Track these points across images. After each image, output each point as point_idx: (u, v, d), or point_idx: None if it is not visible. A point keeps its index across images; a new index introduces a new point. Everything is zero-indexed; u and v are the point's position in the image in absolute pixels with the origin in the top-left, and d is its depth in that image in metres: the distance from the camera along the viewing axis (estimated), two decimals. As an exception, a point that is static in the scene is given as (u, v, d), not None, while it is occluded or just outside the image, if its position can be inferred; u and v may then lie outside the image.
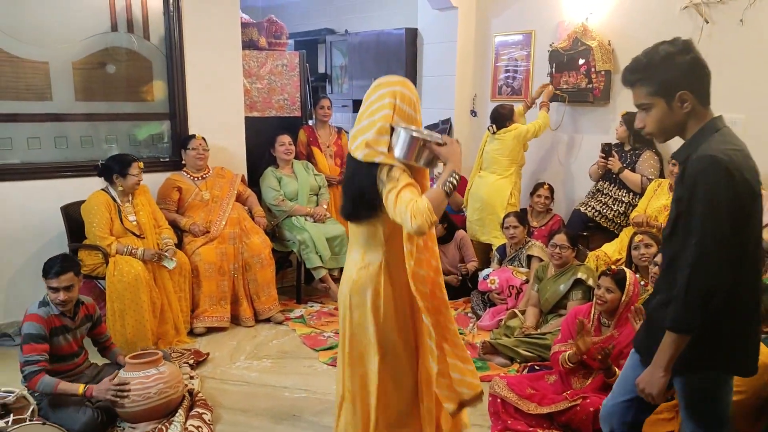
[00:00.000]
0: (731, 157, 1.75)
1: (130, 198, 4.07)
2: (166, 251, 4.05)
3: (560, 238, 3.95)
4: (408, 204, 2.12)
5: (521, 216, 4.56)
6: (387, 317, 2.38)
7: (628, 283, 2.90)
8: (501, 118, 4.99)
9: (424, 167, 2.32)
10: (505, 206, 4.91)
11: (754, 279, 1.90)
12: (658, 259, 3.24)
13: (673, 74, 1.81)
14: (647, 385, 1.88)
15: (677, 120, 1.85)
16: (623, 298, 2.88)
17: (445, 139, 2.25)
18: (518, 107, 5.17)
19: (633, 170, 4.46)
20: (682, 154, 1.88)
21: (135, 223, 4.03)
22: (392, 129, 2.24)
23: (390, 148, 2.24)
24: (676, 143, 1.91)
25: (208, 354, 3.89)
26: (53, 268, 2.98)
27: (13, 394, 2.81)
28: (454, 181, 2.20)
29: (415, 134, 2.20)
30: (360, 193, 2.30)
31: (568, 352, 2.91)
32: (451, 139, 2.26)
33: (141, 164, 4.03)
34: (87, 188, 4.03)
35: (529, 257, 4.49)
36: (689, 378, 1.93)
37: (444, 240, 5.06)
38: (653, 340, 1.88)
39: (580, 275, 3.84)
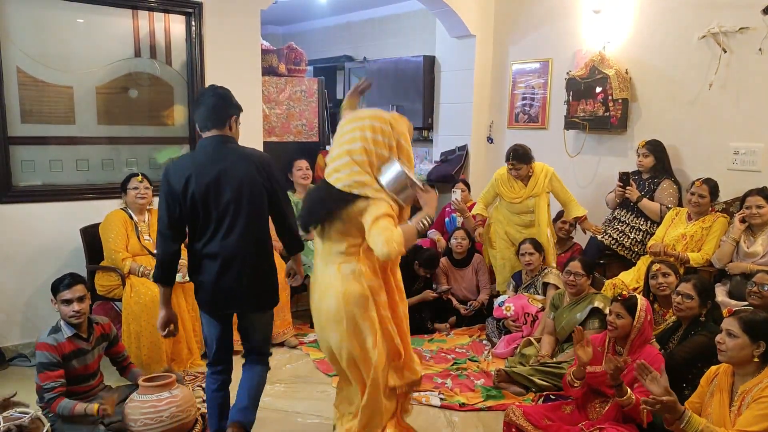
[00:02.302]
0: (173, 164, 2.72)
1: (146, 218, 4.14)
2: (180, 270, 4.09)
3: (575, 266, 3.92)
4: (384, 230, 2.32)
5: (537, 243, 4.54)
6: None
7: (638, 308, 2.85)
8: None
9: (401, 203, 2.49)
10: None
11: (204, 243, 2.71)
12: (681, 288, 3.20)
13: None
14: None
15: None
16: (634, 323, 2.84)
17: (427, 187, 2.55)
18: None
19: (651, 199, 4.42)
20: None
21: (151, 241, 4.08)
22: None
23: (376, 178, 2.47)
24: (693, 172, 1.91)
25: (221, 377, 3.88)
26: (64, 281, 3.06)
27: (28, 415, 2.82)
28: (427, 223, 2.52)
29: (405, 172, 2.42)
30: (328, 213, 2.54)
31: (572, 369, 2.87)
32: (432, 189, 2.60)
33: (140, 178, 4.09)
34: (106, 210, 4.09)
35: (545, 285, 4.46)
36: None
37: (462, 264, 5.05)
38: None
39: (596, 304, 3.80)
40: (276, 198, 2.79)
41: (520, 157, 4.62)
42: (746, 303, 3.35)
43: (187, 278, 4.01)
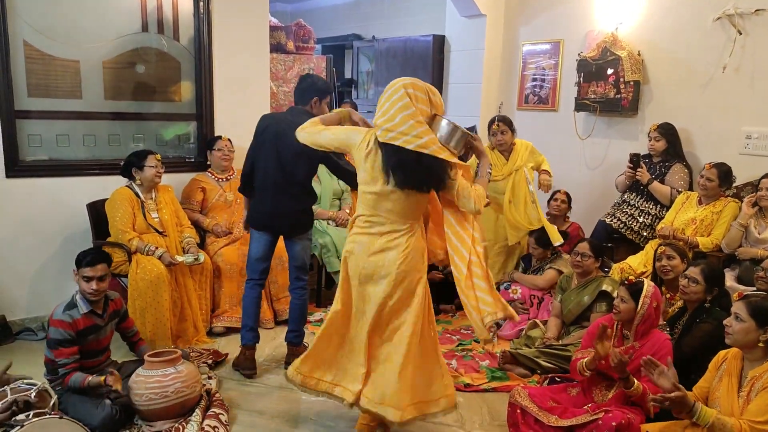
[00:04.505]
0: (267, 114, 3.85)
1: (153, 195, 4.11)
2: (188, 250, 4.09)
3: (583, 247, 3.90)
4: (470, 191, 2.64)
5: (542, 239, 4.44)
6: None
7: (643, 294, 2.82)
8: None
9: (454, 151, 2.68)
10: None
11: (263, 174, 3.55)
12: (689, 272, 3.17)
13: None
14: None
15: None
16: (638, 309, 2.82)
17: (474, 135, 2.78)
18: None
19: (662, 182, 4.38)
20: None
21: (157, 220, 4.07)
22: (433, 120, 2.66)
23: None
24: (705, 156, 1.88)
25: (227, 354, 3.89)
26: (87, 256, 3.04)
27: (35, 387, 2.84)
28: (490, 171, 2.89)
29: (458, 126, 2.64)
30: (431, 173, 2.64)
31: (585, 359, 2.85)
32: (478, 136, 2.90)
33: (158, 156, 4.07)
34: (113, 186, 4.07)
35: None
36: None
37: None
38: None
39: (605, 287, 3.78)
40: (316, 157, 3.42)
41: (505, 119, 4.61)
42: (755, 288, 3.33)
43: (195, 260, 4.05)
